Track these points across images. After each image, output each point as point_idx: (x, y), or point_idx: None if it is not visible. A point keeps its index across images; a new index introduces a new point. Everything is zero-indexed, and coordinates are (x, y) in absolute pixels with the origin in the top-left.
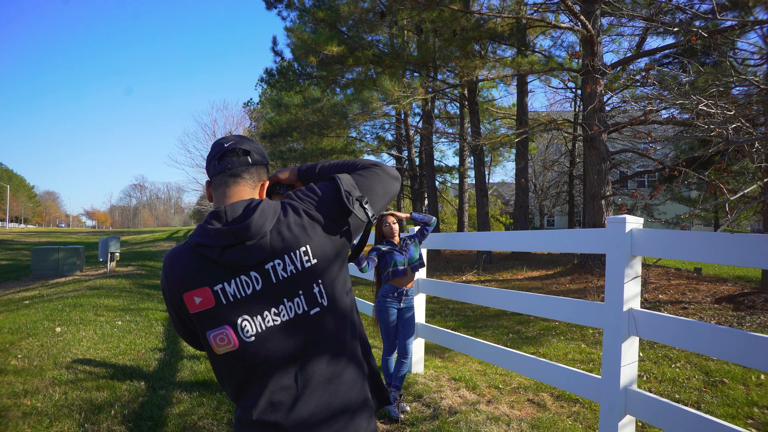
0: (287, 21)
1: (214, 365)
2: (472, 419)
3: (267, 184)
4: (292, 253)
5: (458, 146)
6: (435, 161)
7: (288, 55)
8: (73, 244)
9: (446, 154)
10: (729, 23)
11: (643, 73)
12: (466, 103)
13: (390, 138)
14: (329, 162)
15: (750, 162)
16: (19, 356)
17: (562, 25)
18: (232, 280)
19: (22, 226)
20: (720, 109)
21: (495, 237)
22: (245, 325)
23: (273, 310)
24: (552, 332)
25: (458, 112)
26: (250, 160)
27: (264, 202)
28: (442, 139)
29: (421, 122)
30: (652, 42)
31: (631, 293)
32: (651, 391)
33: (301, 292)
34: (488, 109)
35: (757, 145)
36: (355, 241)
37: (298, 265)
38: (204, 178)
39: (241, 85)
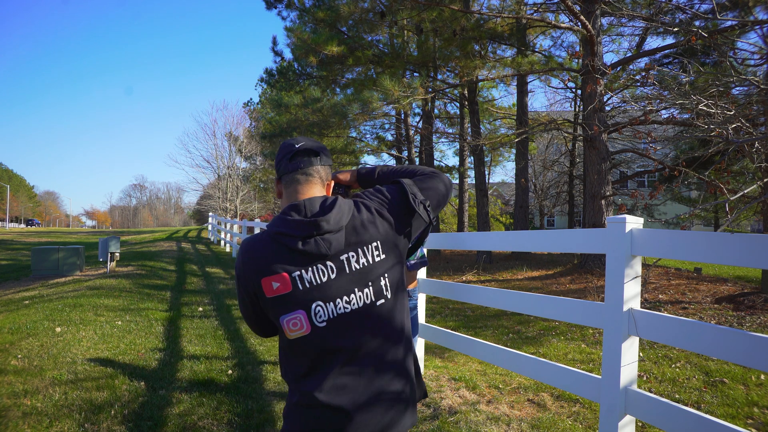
0: (287, 21)
1: (284, 349)
2: (472, 419)
3: (332, 183)
4: (364, 247)
5: (458, 146)
6: (435, 161)
7: (288, 55)
8: (73, 244)
9: (446, 154)
10: (729, 23)
11: (643, 73)
12: (466, 103)
13: (390, 138)
14: (388, 167)
15: (750, 162)
16: (19, 356)
17: (562, 25)
18: (309, 268)
19: (22, 226)
20: (720, 109)
21: (495, 237)
22: (318, 311)
23: (345, 298)
24: (552, 332)
25: (458, 112)
26: (319, 160)
27: (340, 199)
28: (442, 139)
29: (421, 122)
30: (652, 42)
31: (631, 293)
32: (651, 391)
33: (370, 283)
34: (488, 109)
35: (757, 145)
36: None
37: (369, 258)
38: (204, 178)
39: (241, 85)
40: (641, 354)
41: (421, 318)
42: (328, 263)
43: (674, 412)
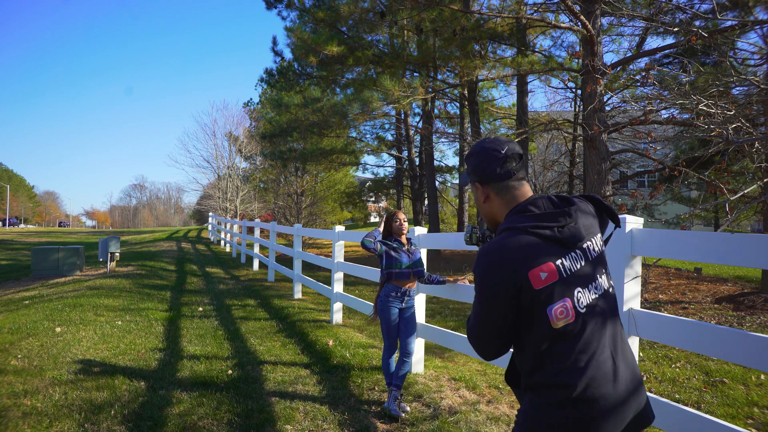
0: (287, 21)
1: (542, 344)
2: (472, 419)
3: None
4: (594, 238)
5: (458, 146)
6: (435, 161)
7: (288, 55)
8: (73, 244)
9: (446, 154)
10: (729, 23)
11: (643, 73)
12: (466, 103)
13: (390, 138)
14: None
15: (750, 162)
16: (19, 356)
17: (562, 25)
18: (566, 256)
19: (22, 226)
20: (720, 109)
21: None
22: (579, 297)
23: (593, 283)
24: None
25: (458, 112)
26: (523, 163)
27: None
28: (442, 139)
29: (421, 122)
30: (652, 42)
31: (631, 293)
32: (651, 391)
33: (603, 270)
34: (488, 109)
35: (757, 145)
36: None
37: (598, 248)
38: (204, 178)
39: (241, 85)
40: (641, 354)
41: (422, 318)
42: (577, 251)
43: (674, 412)
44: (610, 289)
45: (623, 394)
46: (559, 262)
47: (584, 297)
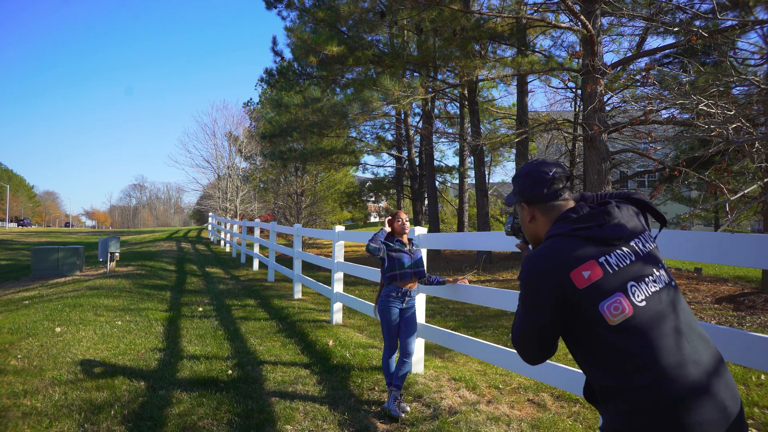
0: (287, 21)
1: (604, 345)
2: (472, 419)
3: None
4: (641, 235)
5: (458, 146)
6: (435, 161)
7: (288, 55)
8: (73, 244)
9: (446, 154)
10: (729, 23)
11: (643, 73)
12: (466, 103)
13: (390, 138)
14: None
15: (750, 162)
16: (19, 356)
17: (562, 25)
18: (612, 253)
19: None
20: (720, 109)
21: (495, 237)
22: (634, 290)
23: (650, 277)
24: None
25: (458, 112)
26: (570, 184)
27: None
28: (442, 139)
29: (421, 122)
30: (652, 42)
31: None
32: None
33: (659, 265)
34: (488, 109)
35: (757, 145)
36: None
37: (648, 245)
38: (204, 178)
39: (241, 85)
40: None
41: (422, 318)
42: (623, 248)
43: None
44: (672, 282)
45: (705, 380)
46: (602, 259)
47: (640, 291)
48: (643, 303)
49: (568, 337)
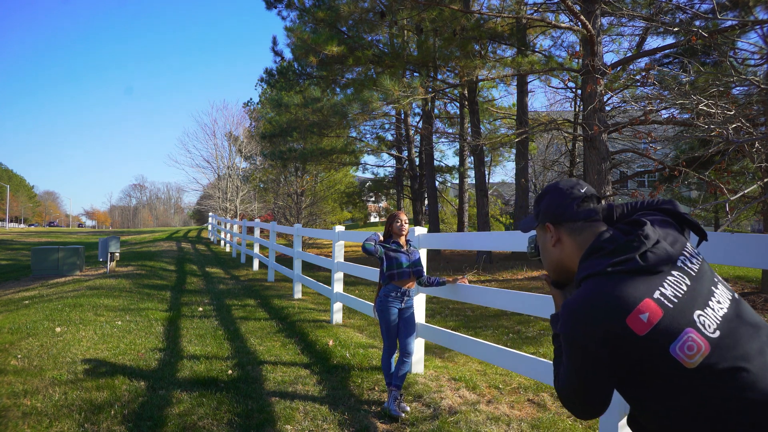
0: (287, 21)
1: (684, 395)
2: (472, 419)
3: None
4: (684, 251)
5: (458, 146)
6: (435, 161)
7: (288, 55)
8: (73, 244)
9: (446, 154)
10: (729, 23)
11: (643, 73)
12: (466, 103)
13: (390, 138)
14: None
15: (750, 162)
16: (19, 356)
17: (562, 25)
18: (663, 283)
19: (22, 226)
20: (720, 109)
21: (495, 237)
22: (703, 320)
23: (713, 298)
24: (552, 332)
25: (458, 112)
26: (600, 206)
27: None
28: (442, 139)
29: (421, 122)
30: (652, 42)
31: None
32: None
33: (716, 279)
34: (488, 109)
35: (757, 145)
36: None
37: (696, 261)
38: (204, 178)
39: (241, 85)
40: None
41: (422, 318)
42: (674, 272)
43: None
44: (735, 295)
45: None
46: (657, 294)
47: (709, 319)
48: (717, 333)
49: (626, 391)
